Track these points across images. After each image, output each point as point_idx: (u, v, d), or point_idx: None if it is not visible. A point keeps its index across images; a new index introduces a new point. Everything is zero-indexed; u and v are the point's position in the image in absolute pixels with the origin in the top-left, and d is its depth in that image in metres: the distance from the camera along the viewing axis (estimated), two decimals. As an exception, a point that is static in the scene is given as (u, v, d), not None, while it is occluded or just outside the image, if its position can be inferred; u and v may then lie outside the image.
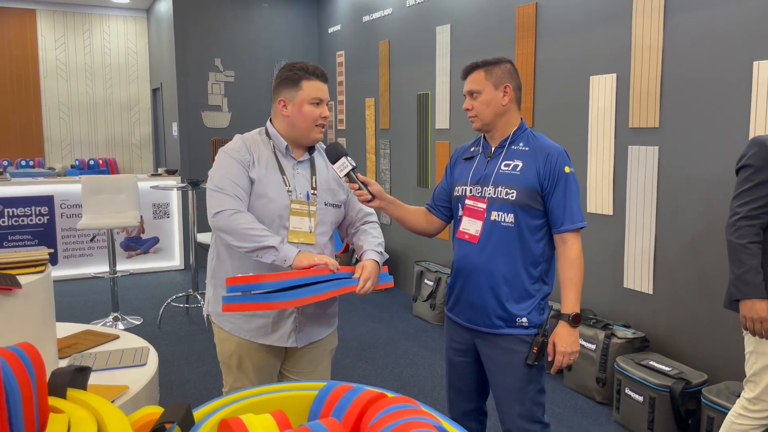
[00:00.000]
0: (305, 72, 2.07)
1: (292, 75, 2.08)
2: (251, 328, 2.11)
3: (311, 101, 2.07)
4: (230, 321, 2.14)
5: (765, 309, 2.21)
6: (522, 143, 2.16)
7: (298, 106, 2.08)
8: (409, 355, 4.36)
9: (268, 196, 2.06)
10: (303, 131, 2.11)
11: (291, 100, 2.08)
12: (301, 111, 2.07)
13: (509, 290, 2.11)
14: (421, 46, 5.56)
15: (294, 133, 2.12)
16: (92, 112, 8.77)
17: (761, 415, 2.32)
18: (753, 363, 2.32)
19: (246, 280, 1.79)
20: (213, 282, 2.20)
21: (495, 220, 2.11)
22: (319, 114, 2.09)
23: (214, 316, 2.20)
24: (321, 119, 2.10)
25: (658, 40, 3.39)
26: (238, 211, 1.98)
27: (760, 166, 2.23)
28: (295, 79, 2.08)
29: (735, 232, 2.27)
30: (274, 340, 2.12)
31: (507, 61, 2.18)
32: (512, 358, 2.14)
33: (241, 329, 2.12)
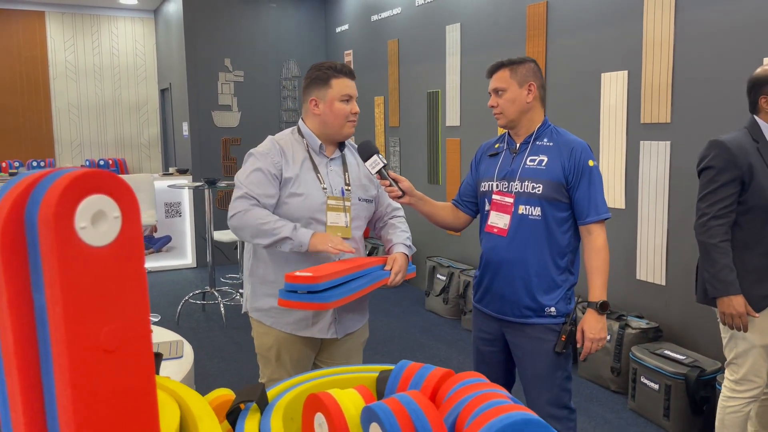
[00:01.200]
0: (334, 70, 2.16)
1: (322, 74, 2.16)
2: (291, 321, 2.18)
3: (341, 98, 2.15)
4: (271, 315, 2.20)
5: (742, 304, 2.33)
6: (546, 139, 2.24)
7: (329, 104, 2.16)
8: (426, 349, 4.44)
9: (304, 193, 2.14)
10: (335, 128, 2.19)
11: (322, 98, 2.16)
12: (333, 108, 2.16)
13: (538, 281, 2.19)
14: (431, 44, 5.63)
15: (327, 131, 2.20)
16: (101, 112, 8.86)
17: (748, 394, 2.47)
18: (733, 347, 2.47)
19: (304, 281, 1.87)
20: (251, 280, 2.26)
21: (523, 213, 2.19)
22: (350, 110, 2.17)
23: (254, 311, 2.25)
24: (352, 115, 2.18)
25: (670, 36, 3.47)
26: (250, 209, 2.06)
27: (722, 167, 2.34)
28: (324, 78, 2.16)
29: (706, 232, 2.37)
30: (314, 332, 2.19)
31: (531, 60, 2.26)
32: (541, 346, 2.22)
33: (281, 323, 2.19)
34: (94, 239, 0.60)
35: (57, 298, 0.57)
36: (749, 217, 2.36)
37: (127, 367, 0.63)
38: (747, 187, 2.34)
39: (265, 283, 2.20)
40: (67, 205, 0.57)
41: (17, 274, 0.58)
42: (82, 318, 0.59)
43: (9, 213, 0.57)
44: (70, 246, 0.57)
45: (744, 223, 2.37)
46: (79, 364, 0.59)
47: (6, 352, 0.59)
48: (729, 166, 2.34)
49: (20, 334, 0.58)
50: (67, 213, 0.57)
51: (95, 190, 0.60)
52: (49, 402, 0.60)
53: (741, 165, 2.32)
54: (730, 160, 2.34)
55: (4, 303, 0.58)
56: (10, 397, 0.59)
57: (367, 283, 2.07)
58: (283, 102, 7.53)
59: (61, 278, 0.57)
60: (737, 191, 2.35)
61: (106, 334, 0.61)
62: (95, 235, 0.60)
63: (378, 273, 2.16)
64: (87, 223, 0.59)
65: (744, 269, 2.37)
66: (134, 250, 0.63)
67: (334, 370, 1.31)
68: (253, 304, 2.26)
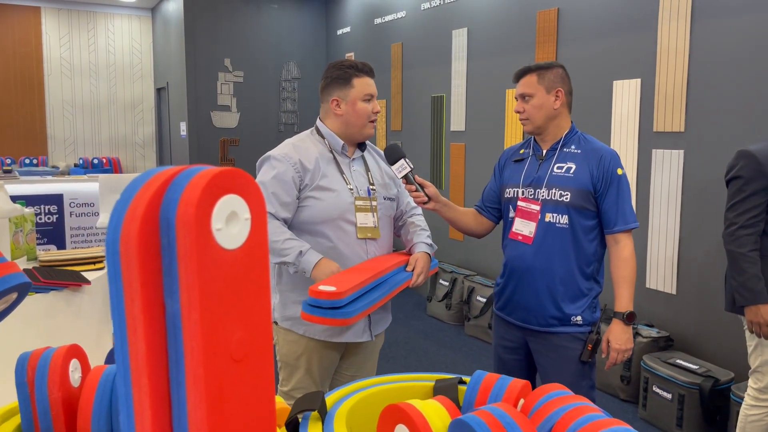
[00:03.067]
0: (355, 69, 2.12)
1: (343, 74, 2.13)
2: (325, 328, 2.12)
3: (364, 98, 2.12)
4: (303, 324, 2.13)
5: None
6: (574, 146, 2.22)
7: (351, 104, 2.12)
8: (430, 354, 4.41)
9: (334, 196, 2.10)
10: (357, 128, 2.15)
11: (344, 98, 2.13)
12: (355, 108, 2.12)
13: (564, 289, 2.17)
14: (436, 49, 5.62)
15: (348, 131, 2.16)
16: (96, 111, 8.74)
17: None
18: (758, 355, 2.46)
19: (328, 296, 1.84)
20: (279, 288, 2.21)
21: (549, 221, 2.17)
22: (372, 110, 2.14)
23: (284, 320, 2.19)
24: (373, 114, 2.15)
25: (685, 44, 3.48)
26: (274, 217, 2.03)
27: (751, 176, 2.36)
28: (346, 77, 2.12)
29: (734, 242, 2.38)
30: (348, 336, 2.16)
31: (559, 65, 2.24)
32: (566, 355, 2.20)
33: (315, 330, 2.13)
34: (227, 242, 0.56)
35: (194, 304, 0.54)
36: None
37: (253, 377, 0.60)
38: None
39: (296, 289, 2.15)
40: (206, 205, 0.54)
41: (152, 278, 0.54)
42: (216, 325, 0.55)
43: (145, 213, 0.54)
44: (208, 249, 0.54)
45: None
46: (213, 374, 0.55)
47: (136, 361, 0.55)
48: (757, 175, 2.36)
49: (152, 342, 0.54)
50: (205, 214, 0.54)
51: (230, 189, 0.56)
52: (177, 412, 0.56)
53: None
54: (759, 169, 2.36)
55: (138, 309, 0.54)
56: (136, 406, 0.55)
57: (389, 290, 2.04)
58: (282, 104, 7.48)
59: (200, 283, 0.53)
60: (766, 200, 2.37)
61: (236, 342, 0.58)
62: (228, 238, 0.56)
63: (399, 277, 2.13)
64: (222, 224, 0.55)
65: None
66: (262, 254, 0.59)
67: (387, 378, 1.28)
68: (283, 313, 2.18)
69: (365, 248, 2.15)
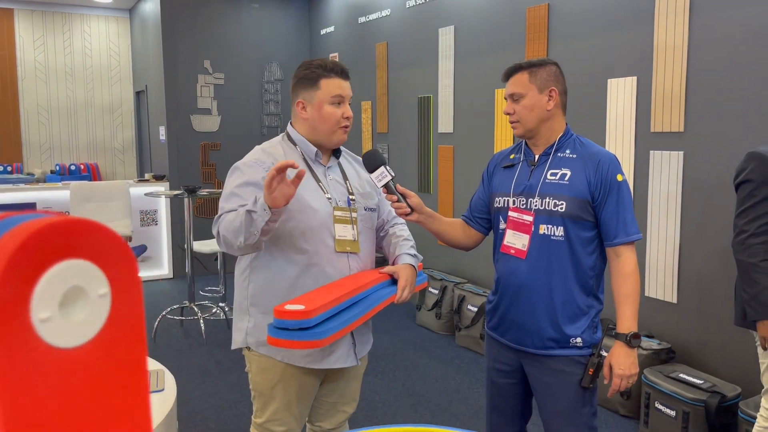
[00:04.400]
0: (323, 69, 1.91)
1: (309, 74, 1.93)
2: (306, 354, 1.93)
3: (331, 101, 1.91)
4: (282, 349, 1.92)
5: None
6: (569, 150, 2.03)
7: (317, 107, 1.92)
8: (420, 368, 4.20)
9: (312, 206, 1.90)
10: (325, 134, 1.95)
11: (309, 101, 1.94)
12: (321, 112, 1.92)
13: (563, 308, 1.98)
14: (422, 48, 5.42)
15: (316, 137, 1.97)
16: (73, 115, 8.47)
17: None
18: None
19: (295, 316, 1.63)
20: (253, 310, 1.97)
21: (544, 233, 1.98)
22: (342, 114, 1.93)
23: (260, 346, 1.96)
24: (344, 119, 1.94)
25: (684, 40, 3.30)
26: (222, 220, 1.81)
27: (762, 180, 2.20)
28: (312, 77, 1.92)
29: (745, 251, 2.21)
30: (331, 362, 1.97)
31: (553, 62, 2.05)
32: (565, 380, 2.01)
33: (295, 356, 1.93)
34: (63, 336, 0.35)
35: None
36: None
37: None
38: None
39: (270, 312, 1.91)
40: (20, 282, 0.33)
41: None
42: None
43: None
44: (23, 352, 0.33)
45: None
46: None
47: None
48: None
49: None
50: (17, 297, 0.33)
51: (68, 252, 0.35)
52: None
53: None
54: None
55: None
56: None
57: (370, 307, 1.84)
58: (265, 106, 7.26)
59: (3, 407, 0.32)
60: None
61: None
62: (66, 330, 0.35)
63: (382, 292, 1.93)
64: (53, 310, 0.34)
65: None
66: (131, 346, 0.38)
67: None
68: (258, 338, 1.95)
69: (347, 263, 1.95)
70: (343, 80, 1.94)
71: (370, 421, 3.42)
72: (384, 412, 3.53)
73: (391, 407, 3.59)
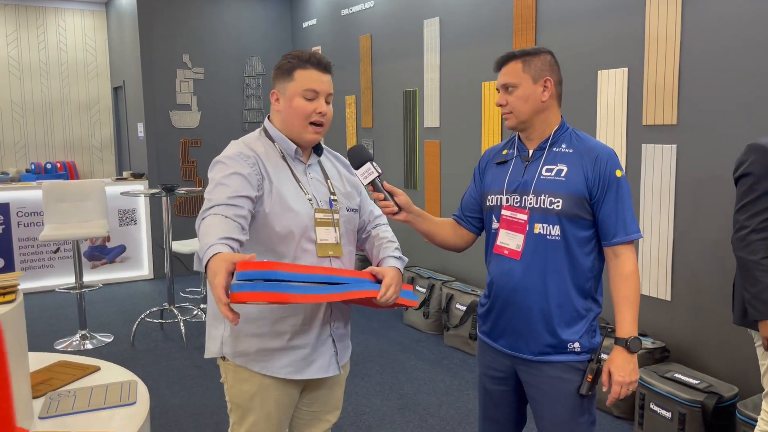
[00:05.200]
0: (299, 60, 1.77)
1: (286, 64, 1.80)
2: (286, 364, 1.81)
3: (304, 94, 1.76)
4: (259, 360, 1.81)
5: None
6: (565, 144, 1.91)
7: (288, 100, 1.79)
8: (407, 369, 4.09)
9: (292, 208, 1.77)
10: (295, 130, 1.81)
11: (283, 92, 1.80)
12: (291, 105, 1.78)
13: (560, 312, 1.87)
14: (407, 40, 5.29)
15: (289, 132, 1.84)
16: (48, 112, 8.23)
17: None
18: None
19: (260, 266, 1.45)
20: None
21: (539, 233, 1.86)
22: (314, 110, 1.77)
23: (236, 356, 1.84)
24: (316, 115, 1.78)
25: (676, 29, 3.20)
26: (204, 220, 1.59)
27: (762, 174, 2.11)
28: (288, 68, 1.79)
29: (745, 248, 2.12)
30: (312, 372, 1.85)
31: (547, 51, 1.93)
32: (562, 387, 1.90)
33: (273, 367, 1.81)
34: None
35: None
36: None
37: None
38: None
39: (250, 321, 1.80)
40: None
41: None
42: None
43: None
44: None
45: None
46: None
47: None
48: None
49: None
50: None
51: None
52: None
53: None
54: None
55: None
56: None
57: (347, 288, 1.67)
58: (246, 101, 7.09)
59: None
60: None
61: None
62: None
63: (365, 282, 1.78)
64: None
65: None
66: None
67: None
68: (235, 348, 1.83)
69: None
70: (321, 73, 1.79)
71: (357, 428, 3.30)
72: (371, 417, 3.41)
73: (378, 411, 3.47)
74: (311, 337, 1.83)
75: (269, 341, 1.80)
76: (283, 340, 1.80)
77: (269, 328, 1.79)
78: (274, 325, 1.79)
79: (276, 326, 1.79)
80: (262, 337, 1.79)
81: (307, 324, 1.81)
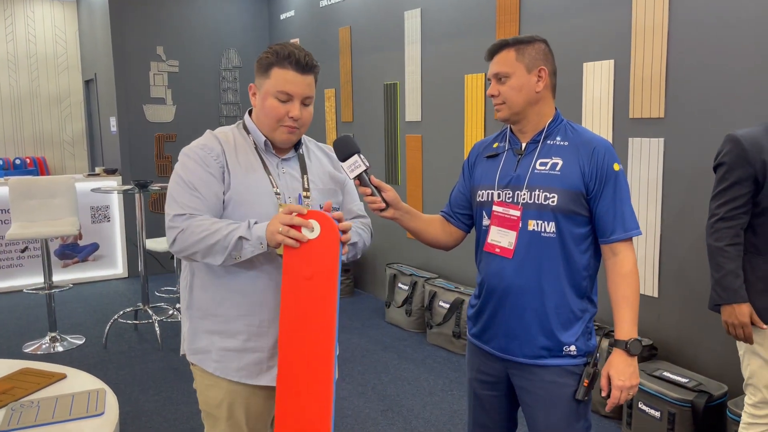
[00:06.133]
0: (276, 57, 1.65)
1: (264, 58, 1.69)
2: (241, 367, 1.74)
3: (277, 95, 1.65)
4: (215, 359, 1.75)
5: (746, 314, 2.15)
6: (559, 137, 1.83)
7: (262, 98, 1.69)
8: (390, 369, 3.99)
9: (249, 201, 1.68)
10: (266, 129, 1.72)
11: (259, 88, 1.71)
12: (264, 104, 1.68)
13: (555, 313, 1.79)
14: (388, 32, 5.17)
15: (261, 129, 1.75)
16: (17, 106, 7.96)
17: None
18: (747, 365, 2.24)
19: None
20: (189, 313, 1.80)
21: (534, 230, 1.77)
22: (286, 113, 1.66)
23: (193, 354, 1.80)
24: (288, 119, 1.67)
25: (663, 20, 3.13)
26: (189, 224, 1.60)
27: (734, 163, 2.15)
28: (265, 63, 1.68)
29: (713, 235, 2.21)
30: (271, 379, 1.76)
31: (542, 40, 1.84)
32: (557, 392, 1.82)
33: (228, 369, 1.74)
34: None
35: None
36: (762, 219, 2.15)
37: None
38: (761, 187, 2.13)
39: (207, 317, 1.74)
40: None
41: None
42: None
43: None
44: None
45: (757, 226, 2.17)
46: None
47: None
48: (741, 162, 2.14)
49: None
50: None
51: None
52: None
53: (753, 162, 2.11)
54: (743, 156, 2.13)
55: None
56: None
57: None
58: (222, 95, 6.92)
59: None
60: (750, 191, 2.14)
61: None
62: None
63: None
64: None
65: (755, 276, 2.17)
66: None
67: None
68: (191, 345, 1.79)
69: None
70: (299, 74, 1.65)
71: (341, 430, 3.20)
72: (353, 420, 3.31)
73: (361, 414, 3.37)
74: (268, 341, 1.74)
75: (225, 340, 1.72)
76: (239, 341, 1.72)
77: (225, 326, 1.72)
78: (229, 323, 1.72)
79: (231, 325, 1.72)
80: (218, 334, 1.73)
81: (265, 327, 1.72)
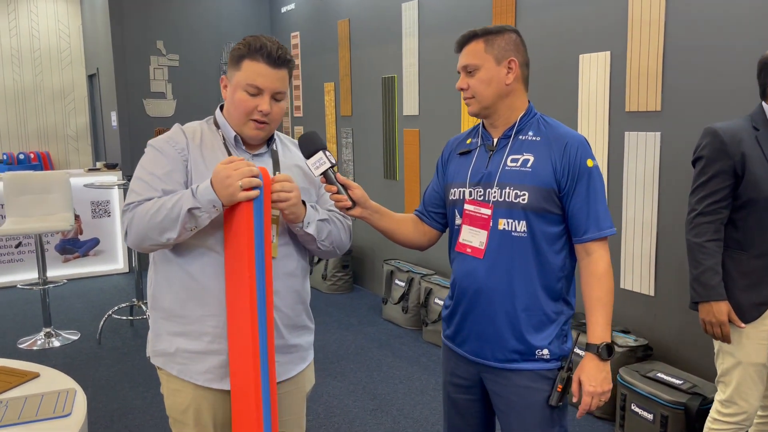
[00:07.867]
0: (248, 49, 1.59)
1: (236, 50, 1.63)
2: (204, 370, 1.66)
3: (246, 88, 1.58)
4: (177, 361, 1.68)
5: (724, 312, 2.09)
6: (532, 132, 1.75)
7: (232, 91, 1.62)
8: (383, 367, 3.93)
9: None
10: (235, 123, 1.66)
11: (230, 80, 1.64)
12: (233, 97, 1.62)
13: (527, 315, 1.72)
14: (386, 25, 5.09)
15: (231, 123, 1.68)
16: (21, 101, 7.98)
17: (734, 419, 2.17)
18: (720, 362, 2.21)
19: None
20: (154, 314, 1.73)
21: (504, 229, 1.70)
22: (255, 107, 1.59)
23: (156, 356, 1.73)
24: (257, 113, 1.60)
25: (660, 12, 3.02)
26: (136, 211, 1.56)
27: (712, 156, 2.09)
28: (237, 55, 1.62)
29: (692, 230, 2.15)
30: None
31: (512, 30, 1.76)
32: (530, 397, 1.75)
33: (191, 372, 1.67)
34: None
35: None
36: (743, 213, 2.09)
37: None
38: (741, 180, 2.07)
39: (170, 317, 1.67)
40: None
41: None
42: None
43: None
44: None
45: (738, 220, 2.11)
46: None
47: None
48: (719, 156, 2.08)
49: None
50: None
51: None
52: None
53: (732, 155, 2.05)
54: (721, 149, 2.08)
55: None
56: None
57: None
58: (223, 89, 6.87)
59: None
60: (729, 184, 2.08)
61: None
62: None
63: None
64: None
65: (737, 272, 2.11)
66: None
67: None
68: (155, 347, 1.73)
69: None
70: (269, 68, 1.58)
71: (326, 430, 3.15)
72: (341, 420, 3.25)
73: (350, 413, 3.32)
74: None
75: (189, 342, 1.65)
76: (203, 342, 1.64)
77: (190, 327, 1.65)
78: (194, 324, 1.64)
79: (196, 326, 1.64)
80: (182, 336, 1.66)
81: None
